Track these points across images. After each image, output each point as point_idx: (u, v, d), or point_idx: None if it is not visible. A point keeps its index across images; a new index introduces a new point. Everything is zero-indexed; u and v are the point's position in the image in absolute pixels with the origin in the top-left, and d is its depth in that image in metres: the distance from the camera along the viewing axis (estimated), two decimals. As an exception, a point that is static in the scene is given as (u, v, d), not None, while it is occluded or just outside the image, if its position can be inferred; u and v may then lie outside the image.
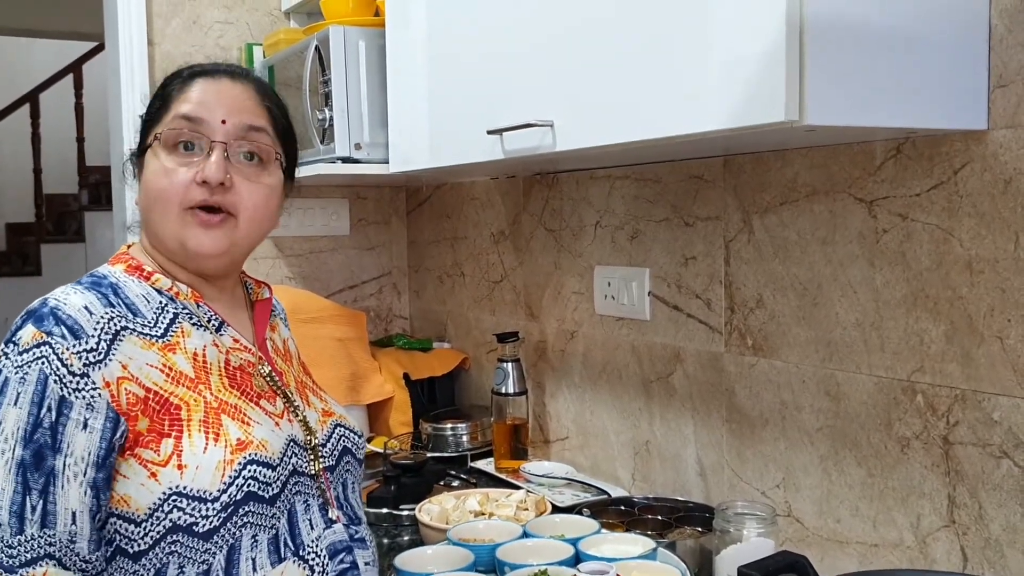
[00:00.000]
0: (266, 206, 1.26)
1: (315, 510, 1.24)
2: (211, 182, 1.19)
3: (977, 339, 1.32)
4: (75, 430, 1.10)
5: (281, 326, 1.44)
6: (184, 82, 1.25)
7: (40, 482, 1.08)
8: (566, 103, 1.49)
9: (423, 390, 2.56)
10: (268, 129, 1.26)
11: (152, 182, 1.22)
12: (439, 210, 2.70)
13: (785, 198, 1.59)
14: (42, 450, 1.09)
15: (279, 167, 1.28)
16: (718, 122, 1.21)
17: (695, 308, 1.79)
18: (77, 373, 1.11)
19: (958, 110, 1.27)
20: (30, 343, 1.11)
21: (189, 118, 1.21)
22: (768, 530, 1.46)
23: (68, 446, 1.09)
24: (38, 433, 1.09)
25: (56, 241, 6.40)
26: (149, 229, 1.25)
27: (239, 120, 1.23)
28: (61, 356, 1.11)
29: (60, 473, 1.09)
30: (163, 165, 1.21)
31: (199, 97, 1.23)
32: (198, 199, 1.20)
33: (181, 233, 1.21)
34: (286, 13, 2.64)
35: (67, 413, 1.10)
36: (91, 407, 1.11)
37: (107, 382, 1.12)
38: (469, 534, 1.55)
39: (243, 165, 1.23)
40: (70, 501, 1.09)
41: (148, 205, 1.23)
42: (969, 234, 1.32)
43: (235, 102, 1.24)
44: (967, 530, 1.35)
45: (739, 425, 1.71)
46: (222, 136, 1.21)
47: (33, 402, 1.09)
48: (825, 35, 1.14)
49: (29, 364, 1.10)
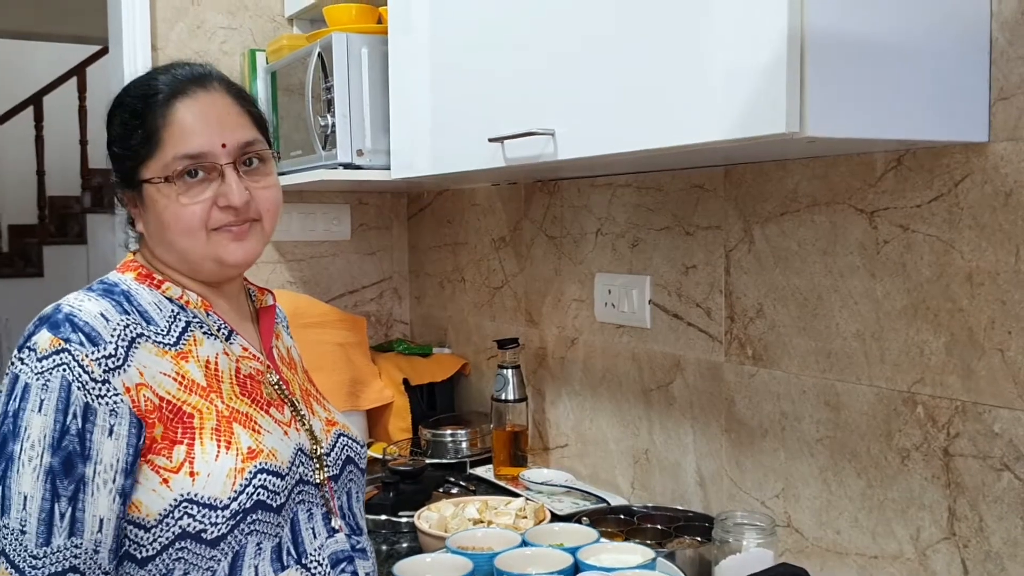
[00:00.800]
0: (279, 201, 1.29)
1: (318, 519, 1.24)
2: (237, 205, 1.21)
3: (978, 351, 1.32)
4: (102, 437, 1.10)
5: (284, 334, 1.44)
6: (163, 112, 1.21)
7: (70, 489, 1.08)
8: (568, 112, 1.49)
9: (423, 396, 2.56)
10: (258, 135, 1.26)
11: (172, 218, 1.21)
12: (440, 216, 2.70)
13: (786, 208, 1.59)
14: (71, 457, 1.08)
15: (273, 161, 1.30)
16: (719, 132, 1.21)
17: (695, 317, 1.79)
18: (99, 380, 1.11)
19: (959, 122, 1.27)
20: (48, 349, 1.11)
21: (192, 156, 1.20)
22: (767, 541, 1.46)
23: (97, 453, 1.09)
24: (66, 440, 1.08)
25: (58, 243, 6.40)
26: (171, 253, 1.24)
27: (236, 139, 1.22)
28: (81, 363, 1.10)
29: (90, 480, 1.09)
30: (178, 201, 1.20)
31: (191, 127, 1.20)
32: (222, 222, 1.22)
33: (215, 252, 1.22)
34: (289, 19, 2.65)
35: (93, 420, 1.10)
36: (115, 413, 1.11)
37: (127, 387, 1.12)
38: (468, 542, 1.55)
39: (250, 173, 1.24)
40: (99, 509, 1.09)
41: (171, 238, 1.22)
42: (970, 246, 1.32)
43: (223, 119, 1.23)
44: (967, 543, 1.35)
45: (739, 435, 1.71)
46: (227, 158, 1.21)
47: (58, 409, 1.09)
48: (826, 47, 1.14)
49: (50, 371, 1.10)
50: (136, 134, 1.22)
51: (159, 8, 2.50)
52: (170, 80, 1.23)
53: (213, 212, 1.21)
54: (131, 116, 1.23)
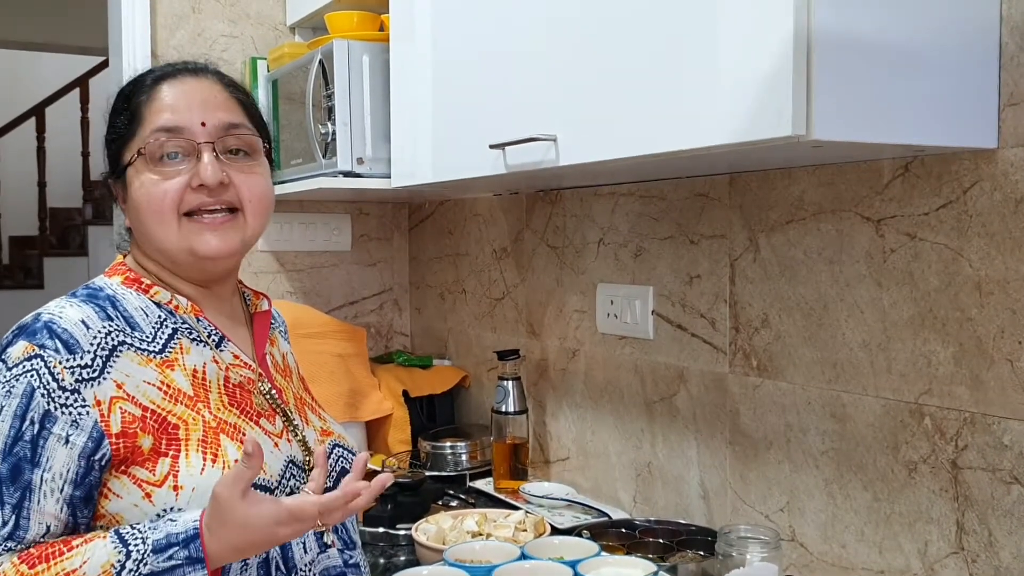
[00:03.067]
0: (267, 195, 1.25)
1: (310, 533, 1.21)
2: (209, 184, 1.17)
3: (987, 361, 1.29)
4: (56, 444, 1.07)
5: (280, 340, 1.41)
6: (149, 91, 1.20)
7: (15, 496, 1.06)
8: (570, 117, 1.47)
9: (422, 408, 2.54)
10: (246, 122, 1.24)
11: (143, 197, 1.18)
12: (441, 226, 2.68)
13: (791, 216, 1.57)
14: (20, 464, 1.06)
15: (264, 156, 1.26)
16: (724, 137, 1.19)
17: (699, 327, 1.77)
18: (68, 388, 1.08)
19: (968, 128, 1.25)
20: (20, 357, 1.09)
21: (168, 129, 1.17)
22: (772, 555, 1.43)
23: (47, 460, 1.07)
24: (18, 447, 1.06)
25: (59, 255, 6.39)
26: (149, 244, 1.22)
27: (217, 119, 1.20)
28: (52, 369, 1.08)
29: (36, 488, 1.07)
30: (150, 178, 1.17)
31: (171, 103, 1.19)
32: (195, 204, 1.18)
33: (188, 241, 1.18)
34: (291, 28, 2.63)
35: (50, 427, 1.07)
36: (76, 424, 1.08)
37: (98, 400, 1.10)
38: (466, 555, 1.52)
39: (233, 160, 1.21)
40: (45, 516, 1.07)
41: (144, 221, 1.19)
42: (978, 254, 1.30)
43: (207, 100, 1.20)
44: (976, 557, 1.32)
45: (743, 447, 1.68)
46: (205, 137, 1.18)
47: (16, 415, 1.07)
48: (833, 50, 1.12)
49: (17, 378, 1.08)
50: (122, 116, 1.21)
51: (160, 15, 2.48)
52: (165, 68, 1.24)
53: (187, 193, 1.18)
54: (121, 101, 1.23)
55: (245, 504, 1.03)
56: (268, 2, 2.61)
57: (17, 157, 6.53)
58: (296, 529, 1.07)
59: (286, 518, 1.05)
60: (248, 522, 1.04)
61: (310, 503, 1.06)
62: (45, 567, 1.03)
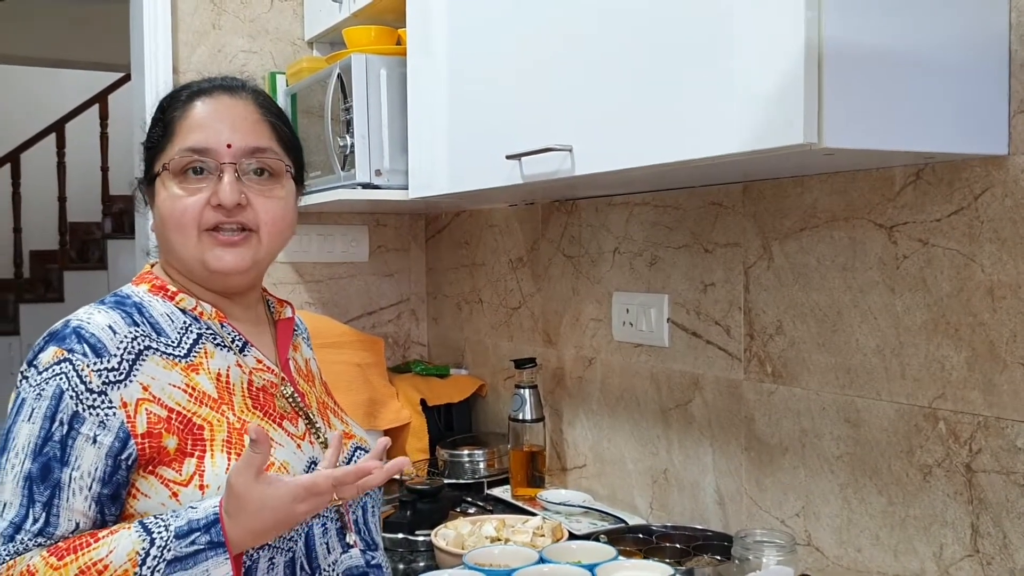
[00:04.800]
0: (284, 219, 1.27)
1: (332, 534, 1.24)
2: (227, 205, 1.20)
3: (999, 365, 1.31)
4: (84, 444, 1.10)
5: (304, 346, 1.44)
6: (183, 106, 1.24)
7: (45, 495, 1.09)
8: (585, 128, 1.50)
9: (440, 416, 2.56)
10: (273, 146, 1.26)
11: (166, 210, 1.22)
12: (458, 237, 2.71)
13: (804, 224, 1.59)
14: (50, 463, 1.09)
15: (290, 178, 1.29)
16: (738, 145, 1.21)
17: (714, 335, 1.78)
18: (95, 390, 1.11)
19: (978, 135, 1.27)
20: (50, 362, 1.12)
21: (194, 149, 1.21)
22: (787, 558, 1.44)
23: (76, 459, 1.10)
24: (48, 446, 1.10)
25: (79, 268, 6.45)
26: (170, 253, 1.26)
27: (244, 142, 1.23)
28: (80, 372, 1.11)
29: (66, 486, 1.10)
30: (174, 192, 1.21)
31: (201, 122, 1.22)
32: (213, 222, 1.21)
33: (202, 255, 1.22)
34: (309, 43, 2.67)
35: (78, 428, 1.10)
36: (103, 424, 1.11)
37: (124, 402, 1.13)
38: (485, 559, 1.54)
39: (255, 181, 1.24)
40: (74, 513, 1.10)
41: (165, 232, 1.24)
42: (990, 259, 1.31)
43: (237, 122, 1.24)
44: (991, 560, 1.33)
45: (758, 453, 1.70)
46: (229, 158, 1.21)
47: (46, 416, 1.10)
48: (843, 60, 1.14)
49: (47, 381, 1.11)
50: (157, 127, 1.26)
51: (181, 32, 2.53)
52: (202, 83, 1.27)
53: (206, 210, 1.21)
54: (159, 111, 1.27)
55: (260, 486, 1.06)
56: (286, 18, 2.65)
57: (38, 172, 6.60)
58: (313, 504, 1.09)
59: (302, 494, 1.08)
60: (265, 503, 1.06)
61: (323, 476, 1.09)
62: (73, 558, 1.05)
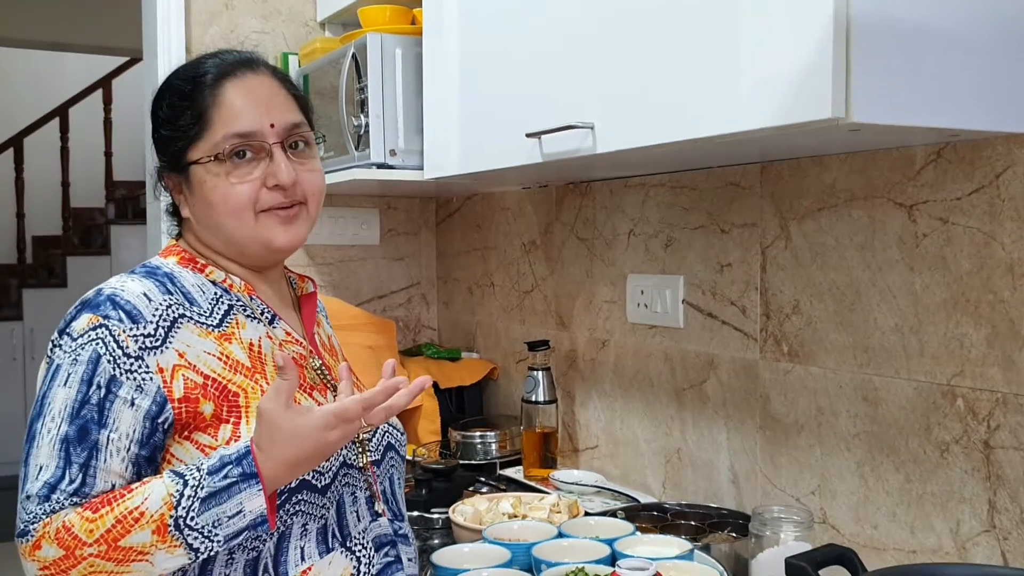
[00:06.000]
0: (323, 187, 1.31)
1: (362, 502, 1.25)
2: (286, 185, 1.23)
3: (1019, 342, 1.32)
4: (122, 407, 1.11)
5: (325, 323, 1.46)
6: (212, 92, 1.24)
7: (82, 456, 1.10)
8: (607, 105, 1.50)
9: (452, 399, 2.57)
10: (303, 118, 1.29)
11: (219, 198, 1.23)
12: (469, 220, 2.71)
13: (823, 204, 1.59)
14: (87, 425, 1.10)
15: (316, 146, 1.32)
16: (764, 120, 1.21)
17: (730, 315, 1.79)
18: (132, 355, 1.12)
19: (1002, 112, 1.27)
20: (86, 328, 1.13)
21: (242, 135, 1.22)
22: (805, 534, 1.45)
23: (114, 421, 1.11)
24: (85, 409, 1.10)
25: (82, 254, 6.45)
26: (217, 236, 1.26)
27: (283, 120, 1.25)
28: (117, 338, 1.12)
29: (103, 447, 1.11)
30: (226, 180, 1.22)
31: (239, 105, 1.23)
32: (271, 203, 1.24)
33: (263, 235, 1.24)
34: (321, 23, 2.67)
35: (116, 391, 1.11)
36: (140, 389, 1.12)
37: (161, 368, 1.14)
38: (504, 534, 1.55)
39: (296, 155, 1.26)
40: (111, 474, 1.11)
41: (217, 217, 1.24)
42: (1011, 237, 1.32)
43: (271, 101, 1.25)
44: (1008, 535, 1.34)
45: (773, 432, 1.71)
46: (275, 138, 1.23)
47: (83, 380, 1.11)
48: (871, 34, 1.14)
49: (83, 346, 1.12)
50: (185, 115, 1.24)
51: (193, 12, 2.53)
52: (218, 63, 1.26)
53: (262, 192, 1.23)
54: (179, 98, 1.25)
55: (290, 414, 1.07)
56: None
57: (41, 157, 6.60)
58: (344, 432, 1.09)
59: (333, 421, 1.08)
60: (296, 431, 1.07)
61: (352, 401, 1.09)
62: (108, 509, 1.06)
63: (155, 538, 1.05)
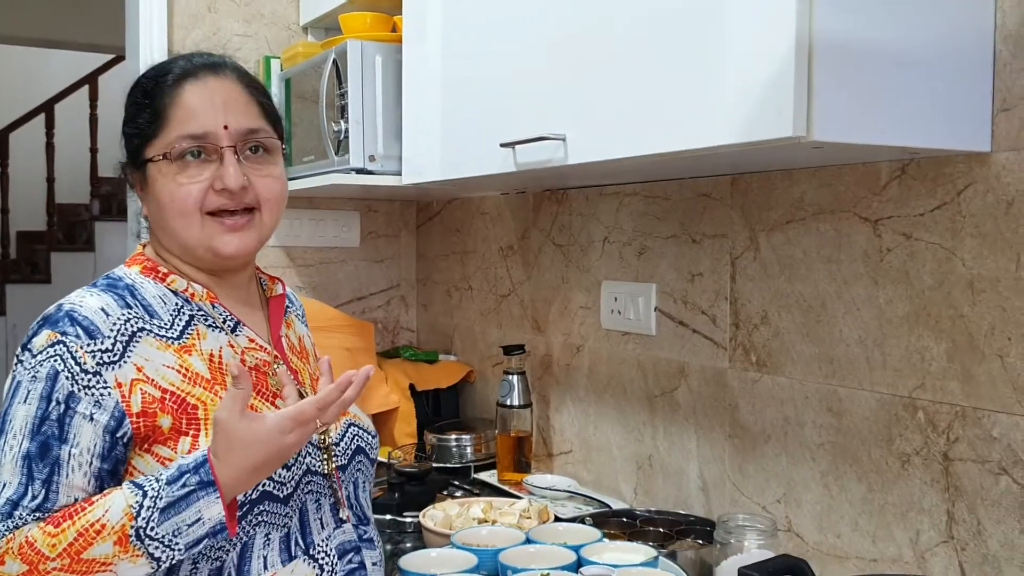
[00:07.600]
0: (282, 195, 1.30)
1: (326, 509, 1.26)
2: (232, 189, 1.22)
3: (978, 357, 1.34)
4: (82, 422, 1.12)
5: (297, 322, 1.46)
6: (171, 92, 1.23)
7: (45, 472, 1.11)
8: (578, 118, 1.52)
9: (428, 402, 2.59)
10: (264, 124, 1.28)
11: (167, 197, 1.23)
12: (449, 224, 2.73)
13: (791, 217, 1.62)
14: (49, 441, 1.11)
15: (280, 153, 1.31)
16: (728, 137, 1.24)
17: (701, 324, 1.82)
18: (90, 371, 1.13)
19: (962, 132, 1.30)
20: (44, 345, 1.14)
21: (195, 136, 1.22)
22: (768, 542, 1.48)
23: (75, 437, 1.12)
24: (45, 425, 1.12)
25: (66, 250, 6.43)
26: (170, 238, 1.27)
27: (239, 124, 1.24)
28: (75, 354, 1.13)
29: (65, 463, 1.12)
30: (174, 179, 1.22)
31: (195, 106, 1.22)
32: (217, 205, 1.23)
33: (209, 240, 1.24)
34: (304, 28, 2.69)
35: (74, 407, 1.12)
36: (99, 404, 1.13)
37: (119, 383, 1.15)
38: (472, 539, 1.57)
39: (252, 161, 1.26)
40: (73, 489, 1.12)
41: (166, 218, 1.24)
42: (971, 254, 1.35)
43: (229, 103, 1.24)
44: (965, 546, 1.37)
45: (742, 440, 1.73)
46: (228, 140, 1.23)
47: (42, 397, 1.12)
48: (834, 53, 1.17)
49: (42, 363, 1.13)
50: (144, 113, 1.24)
51: (176, 15, 2.54)
52: (184, 64, 1.26)
53: (209, 195, 1.23)
54: (142, 95, 1.26)
55: (246, 421, 1.08)
56: (282, 3, 2.67)
57: (26, 153, 6.58)
58: (301, 434, 1.10)
59: (288, 424, 1.09)
60: (253, 438, 1.08)
61: (307, 403, 1.11)
62: (70, 523, 1.07)
63: (117, 549, 1.06)
